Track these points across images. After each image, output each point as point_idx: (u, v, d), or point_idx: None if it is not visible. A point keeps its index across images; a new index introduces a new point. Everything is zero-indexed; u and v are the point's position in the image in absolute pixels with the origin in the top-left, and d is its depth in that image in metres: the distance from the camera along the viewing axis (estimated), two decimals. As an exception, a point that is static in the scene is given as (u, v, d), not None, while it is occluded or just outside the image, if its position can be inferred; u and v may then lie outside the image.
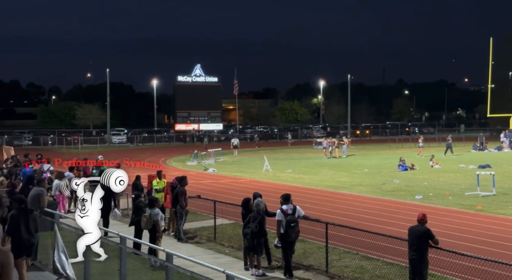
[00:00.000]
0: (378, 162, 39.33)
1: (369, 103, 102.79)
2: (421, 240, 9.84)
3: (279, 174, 32.27)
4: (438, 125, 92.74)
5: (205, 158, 42.26)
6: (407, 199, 22.16)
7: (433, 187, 25.47)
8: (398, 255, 11.48)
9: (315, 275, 12.09)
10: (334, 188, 25.96)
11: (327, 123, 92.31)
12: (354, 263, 12.57)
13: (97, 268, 10.85)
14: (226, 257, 13.71)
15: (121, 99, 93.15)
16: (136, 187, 17.85)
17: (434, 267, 10.62)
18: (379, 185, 26.64)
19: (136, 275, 10.09)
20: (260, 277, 11.70)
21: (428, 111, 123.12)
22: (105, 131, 74.59)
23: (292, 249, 12.06)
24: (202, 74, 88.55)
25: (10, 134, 71.12)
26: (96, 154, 29.35)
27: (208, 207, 16.82)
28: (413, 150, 50.38)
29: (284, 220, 11.89)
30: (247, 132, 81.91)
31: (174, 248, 10.96)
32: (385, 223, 17.03)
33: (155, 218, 12.59)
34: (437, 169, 33.45)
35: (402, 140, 60.52)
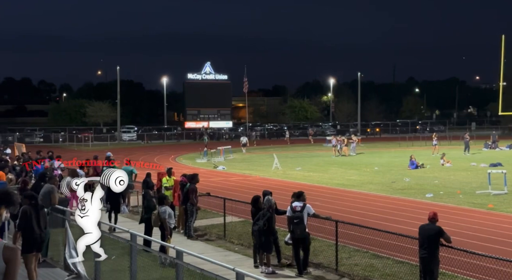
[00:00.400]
0: (388, 160, 39.19)
1: (379, 101, 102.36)
2: (432, 239, 9.79)
3: (288, 172, 32.25)
4: (449, 123, 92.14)
5: (214, 156, 42.33)
6: (417, 198, 22.07)
7: (444, 185, 25.34)
8: (408, 253, 11.44)
9: (325, 273, 12.08)
10: (343, 186, 25.90)
11: (337, 121, 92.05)
12: (364, 262, 12.54)
13: (107, 265, 10.91)
14: (235, 254, 13.73)
15: (131, 97, 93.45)
16: (147, 185, 17.91)
17: (445, 266, 10.58)
18: (389, 183, 26.55)
19: (146, 272, 10.14)
20: (270, 274, 11.70)
21: (439, 109, 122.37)
22: (115, 128, 74.91)
23: (303, 246, 12.02)
24: (212, 71, 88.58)
25: (22, 131, 71.62)
26: (106, 151, 29.46)
27: (218, 205, 16.85)
28: (423, 148, 50.15)
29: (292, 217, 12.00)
30: (257, 129, 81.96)
31: (184, 246, 11.01)
32: (395, 221, 16.97)
33: (162, 216, 12.64)
34: (448, 167, 33.27)
35: (413, 138, 60.28)
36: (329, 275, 11.92)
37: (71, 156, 33.39)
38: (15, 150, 35.97)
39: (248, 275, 7.07)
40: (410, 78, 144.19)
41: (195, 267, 8.23)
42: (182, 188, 16.60)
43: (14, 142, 52.35)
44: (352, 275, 11.72)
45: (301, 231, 11.97)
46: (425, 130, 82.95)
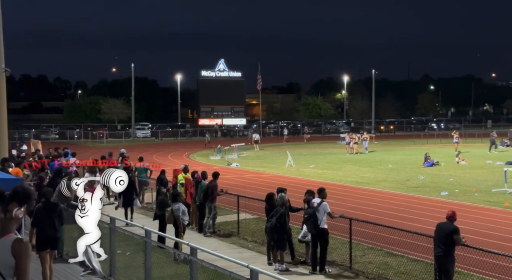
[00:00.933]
0: (403, 158, 38.97)
1: (394, 98, 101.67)
2: (448, 238, 9.73)
3: (302, 169, 32.20)
4: (464, 121, 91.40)
5: (228, 153, 42.40)
6: (432, 196, 21.93)
7: (459, 183, 25.15)
8: (423, 251, 11.38)
9: (339, 270, 12.06)
10: (357, 184, 25.82)
11: (350, 119, 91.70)
12: (378, 259, 12.51)
13: (122, 261, 11.00)
14: (249, 251, 13.75)
15: (145, 94, 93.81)
16: (161, 181, 18.04)
17: (460, 264, 10.51)
18: (403, 181, 26.41)
19: (161, 268, 10.20)
20: (283, 272, 11.71)
21: (454, 107, 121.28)
22: (129, 125, 75.31)
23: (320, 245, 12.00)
24: (226, 69, 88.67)
25: (37, 128, 72.28)
26: (121, 148, 29.63)
27: (232, 202, 16.89)
28: (438, 146, 49.78)
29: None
30: (270, 127, 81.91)
31: (197, 242, 11.03)
32: (409, 219, 16.88)
33: (176, 213, 12.69)
34: (463, 165, 33.01)
35: (427, 136, 59.84)
36: (343, 273, 11.90)
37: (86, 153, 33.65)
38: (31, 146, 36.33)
39: (262, 272, 7.07)
40: (425, 75, 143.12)
41: (209, 263, 8.25)
42: (196, 186, 16.66)
43: (30, 138, 52.83)
44: (366, 273, 11.68)
45: (311, 227, 11.98)
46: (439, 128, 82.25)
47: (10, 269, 4.51)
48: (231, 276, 7.55)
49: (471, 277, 10.74)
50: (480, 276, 10.80)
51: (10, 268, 4.51)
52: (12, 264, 4.50)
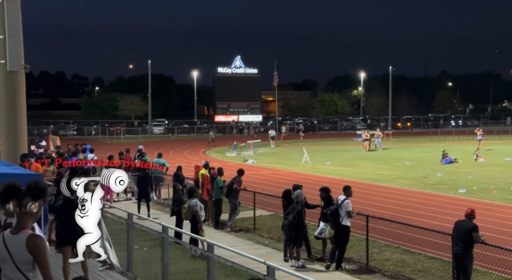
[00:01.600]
0: (420, 155, 38.68)
1: (411, 95, 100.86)
2: (467, 235, 9.66)
3: (318, 166, 32.12)
4: (482, 118, 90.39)
5: (244, 150, 42.44)
6: (450, 193, 21.74)
7: (478, 181, 24.90)
8: (441, 249, 11.29)
9: (356, 267, 12.03)
10: (374, 181, 25.68)
11: (367, 115, 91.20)
12: (395, 257, 12.44)
13: (140, 257, 11.07)
14: (265, 248, 13.77)
15: (162, 91, 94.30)
16: (178, 178, 18.12)
17: (479, 262, 10.41)
18: (421, 178, 26.22)
19: (178, 264, 10.25)
20: (300, 268, 11.70)
21: (473, 103, 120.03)
22: (146, 122, 75.75)
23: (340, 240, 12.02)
24: (242, 65, 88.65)
25: (56, 124, 72.99)
26: (137, 144, 29.82)
27: (248, 198, 16.91)
28: (456, 143, 49.31)
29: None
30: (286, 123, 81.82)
31: (214, 238, 11.07)
32: (426, 216, 16.76)
33: (194, 209, 12.74)
34: (481, 162, 32.67)
35: (445, 133, 59.31)
36: (359, 270, 11.86)
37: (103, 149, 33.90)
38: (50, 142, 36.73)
39: (279, 268, 7.07)
40: (443, 71, 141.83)
41: (225, 259, 8.28)
42: (212, 182, 16.72)
43: (49, 134, 53.41)
44: (383, 270, 11.63)
45: (331, 223, 12.09)
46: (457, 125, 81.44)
47: (28, 264, 4.56)
48: (247, 272, 7.56)
49: (490, 275, 10.63)
50: (498, 275, 10.68)
51: (28, 264, 4.55)
52: (29, 260, 4.54)
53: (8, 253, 4.56)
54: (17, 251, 4.55)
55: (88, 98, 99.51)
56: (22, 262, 4.55)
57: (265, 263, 7.16)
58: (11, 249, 4.56)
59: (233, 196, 16.16)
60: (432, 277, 10.98)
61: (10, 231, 4.67)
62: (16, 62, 15.68)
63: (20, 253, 4.54)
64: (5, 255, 4.58)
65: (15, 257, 4.55)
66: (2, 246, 4.61)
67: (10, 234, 4.64)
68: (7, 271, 4.61)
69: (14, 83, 15.97)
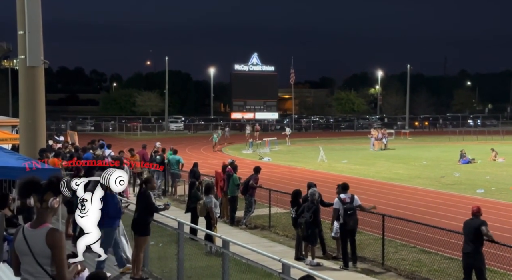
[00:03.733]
0: (438, 154, 38.36)
1: (429, 94, 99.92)
2: (477, 233, 9.63)
3: (334, 165, 32.01)
4: (502, 118, 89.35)
5: (260, 147, 42.44)
6: (467, 193, 21.54)
7: (496, 181, 24.63)
8: (458, 249, 11.15)
9: (371, 266, 11.97)
10: (391, 180, 25.52)
11: (384, 114, 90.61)
12: (411, 256, 12.35)
13: (155, 252, 11.14)
14: (280, 245, 13.76)
15: (178, 87, 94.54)
16: (194, 174, 18.18)
17: (494, 262, 10.30)
18: (438, 178, 26.00)
19: (193, 260, 10.28)
20: (315, 267, 11.67)
21: (492, 103, 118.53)
22: (163, 118, 76.09)
23: (351, 239, 12.00)
24: (259, 63, 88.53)
25: (74, 120, 73.68)
26: (154, 141, 29.94)
27: (263, 196, 16.91)
28: (475, 143, 48.75)
29: (342, 209, 11.93)
30: (302, 121, 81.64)
31: (229, 235, 11.08)
32: (444, 216, 16.62)
33: (209, 205, 12.78)
34: (500, 163, 32.30)
35: (463, 133, 58.72)
36: (375, 269, 11.80)
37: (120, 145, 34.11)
38: (68, 137, 37.08)
39: (294, 266, 7.06)
40: (462, 70, 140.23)
41: (241, 256, 8.28)
42: (228, 179, 16.75)
43: (67, 130, 53.92)
44: (398, 270, 11.56)
45: (354, 222, 12.01)
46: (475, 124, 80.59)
47: (47, 258, 4.60)
48: (263, 270, 7.57)
49: (508, 276, 10.51)
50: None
51: (47, 258, 4.60)
52: (48, 254, 4.58)
53: (27, 247, 4.62)
54: (36, 245, 4.59)
55: (106, 94, 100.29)
56: (42, 256, 4.59)
57: (280, 261, 7.15)
58: (30, 243, 4.61)
59: (249, 194, 16.20)
60: (449, 278, 10.89)
61: (30, 225, 4.72)
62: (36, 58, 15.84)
63: (39, 247, 4.59)
64: (24, 249, 4.64)
65: (35, 251, 4.60)
66: (22, 239, 4.66)
67: (30, 228, 4.69)
68: (27, 265, 4.66)
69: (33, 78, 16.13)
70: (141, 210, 10.22)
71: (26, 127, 16.52)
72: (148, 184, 10.55)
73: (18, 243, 4.70)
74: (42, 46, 16.17)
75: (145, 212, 10.18)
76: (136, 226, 10.22)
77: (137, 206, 10.38)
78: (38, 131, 16.53)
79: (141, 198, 10.34)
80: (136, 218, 10.24)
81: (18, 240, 4.70)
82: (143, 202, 10.23)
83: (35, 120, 16.35)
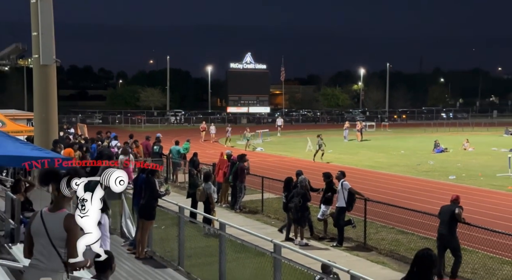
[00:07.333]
0: (414, 144, 38.45)
1: (406, 89, 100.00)
2: (452, 216, 9.71)
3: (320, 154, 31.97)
4: (471, 111, 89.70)
5: (253, 138, 42.36)
6: (441, 179, 21.63)
7: (466, 168, 24.75)
8: (432, 230, 11.23)
9: (354, 246, 12.02)
10: (372, 168, 25.58)
11: (366, 108, 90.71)
12: (390, 237, 12.42)
13: (158, 234, 11.13)
14: (272, 227, 13.78)
15: (179, 84, 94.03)
16: (193, 163, 18.14)
17: (466, 242, 10.37)
18: (414, 165, 26.09)
19: (193, 241, 10.29)
20: (303, 246, 11.71)
21: (463, 98, 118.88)
22: (165, 112, 75.81)
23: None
24: (252, 61, 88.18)
25: (83, 114, 73.29)
26: (157, 132, 29.83)
27: (257, 183, 16.91)
28: (447, 134, 48.90)
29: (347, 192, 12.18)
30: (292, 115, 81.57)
31: (226, 219, 11.08)
32: (419, 200, 16.70)
33: (208, 191, 12.76)
34: (470, 151, 32.45)
35: (437, 125, 58.89)
36: (357, 248, 11.86)
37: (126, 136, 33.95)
38: (78, 129, 36.93)
39: (284, 246, 7.08)
40: (436, 68, 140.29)
41: (236, 237, 8.29)
42: (232, 167, 16.68)
43: (77, 123, 53.65)
44: (379, 249, 11.62)
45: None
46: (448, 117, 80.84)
47: (62, 240, 4.59)
48: (256, 249, 7.58)
49: (476, 254, 10.59)
50: (484, 253, 10.64)
51: (62, 240, 4.59)
52: (64, 236, 4.58)
53: (44, 229, 4.60)
54: (54, 228, 4.59)
55: (113, 90, 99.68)
56: (57, 238, 4.58)
57: (272, 241, 7.17)
58: (48, 225, 4.60)
59: (239, 180, 16.13)
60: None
61: (48, 209, 4.72)
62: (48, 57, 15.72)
63: (56, 229, 4.58)
64: (41, 230, 4.62)
65: (51, 233, 4.58)
66: (40, 222, 4.65)
67: (48, 211, 4.69)
68: (41, 246, 4.63)
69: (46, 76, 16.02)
70: (148, 197, 10.20)
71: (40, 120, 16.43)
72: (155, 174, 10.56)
73: (35, 225, 4.68)
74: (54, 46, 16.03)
75: (151, 198, 10.17)
76: (143, 211, 10.19)
77: (143, 193, 10.35)
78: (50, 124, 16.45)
79: (147, 185, 10.32)
80: (144, 204, 10.21)
81: (36, 223, 4.68)
82: (149, 189, 10.21)
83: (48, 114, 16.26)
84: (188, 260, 9.66)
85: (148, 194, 10.21)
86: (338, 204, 12.31)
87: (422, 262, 4.17)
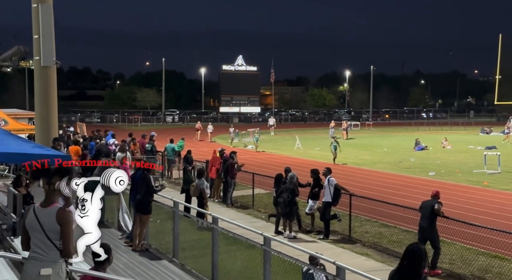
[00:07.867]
0: (396, 142, 38.65)
1: (390, 91, 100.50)
2: (432, 210, 9.77)
3: (308, 151, 32.09)
4: (450, 111, 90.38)
5: (245, 136, 42.34)
6: (421, 175, 21.76)
7: (445, 165, 24.92)
8: (413, 223, 11.30)
9: (340, 239, 12.05)
10: (357, 165, 25.68)
11: (351, 108, 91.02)
12: (373, 230, 12.47)
13: (154, 228, 11.09)
14: (262, 221, 13.79)
15: (174, 85, 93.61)
16: (187, 160, 18.09)
17: (445, 235, 10.45)
18: (396, 162, 26.22)
19: (187, 235, 10.26)
20: (292, 239, 11.73)
21: (442, 99, 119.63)
22: (160, 111, 75.57)
23: None
24: (244, 63, 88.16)
25: (82, 113, 72.85)
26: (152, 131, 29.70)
27: (247, 179, 16.91)
28: (427, 132, 49.22)
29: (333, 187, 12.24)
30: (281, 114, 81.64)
31: (218, 213, 11.07)
32: (401, 195, 16.78)
33: (201, 187, 12.74)
34: (448, 149, 32.67)
35: (418, 124, 59.25)
36: (343, 240, 11.89)
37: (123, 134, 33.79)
38: (77, 128, 36.69)
39: (274, 239, 7.09)
40: (417, 71, 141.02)
41: (228, 231, 8.28)
42: (224, 163, 16.67)
43: (76, 121, 53.31)
44: (363, 241, 11.67)
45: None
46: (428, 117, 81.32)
47: (56, 233, 4.57)
48: (247, 242, 7.58)
49: (454, 245, 10.67)
50: (461, 245, 10.73)
51: (56, 233, 4.57)
52: (57, 229, 4.55)
53: (38, 224, 4.57)
54: (47, 222, 4.55)
55: (110, 90, 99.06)
56: (52, 231, 4.55)
57: (262, 234, 7.17)
58: (41, 220, 4.57)
59: (230, 176, 16.12)
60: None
61: (40, 204, 4.68)
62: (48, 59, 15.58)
63: (50, 223, 4.54)
64: (35, 225, 4.59)
65: (46, 227, 4.55)
66: (33, 217, 4.62)
67: (40, 207, 4.65)
68: (37, 240, 4.61)
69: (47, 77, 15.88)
70: (144, 192, 10.15)
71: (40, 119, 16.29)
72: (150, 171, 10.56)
73: (29, 221, 4.65)
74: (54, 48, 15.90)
75: (146, 194, 10.12)
76: (140, 206, 10.14)
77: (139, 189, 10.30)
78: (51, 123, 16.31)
79: (142, 181, 10.27)
80: (140, 199, 10.16)
81: (30, 218, 4.65)
82: (145, 185, 10.16)
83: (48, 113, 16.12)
84: (182, 252, 9.64)
85: (144, 190, 10.17)
86: (325, 199, 12.33)
87: (412, 255, 4.20)
